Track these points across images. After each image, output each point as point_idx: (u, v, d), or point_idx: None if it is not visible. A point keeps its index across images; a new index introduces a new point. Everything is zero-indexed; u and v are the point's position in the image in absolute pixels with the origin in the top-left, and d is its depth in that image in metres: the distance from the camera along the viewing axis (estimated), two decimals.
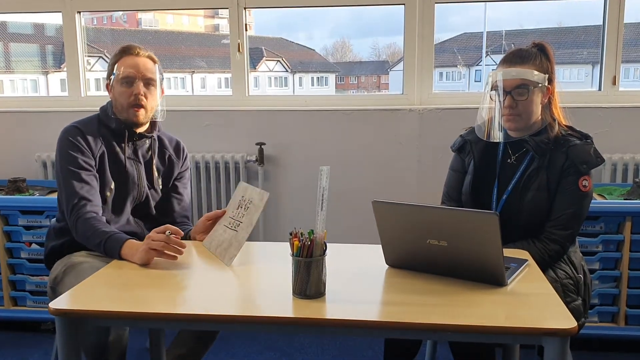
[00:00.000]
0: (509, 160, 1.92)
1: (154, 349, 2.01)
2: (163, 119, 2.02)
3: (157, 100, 1.98)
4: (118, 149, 1.95)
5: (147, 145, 2.02)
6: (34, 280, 2.75)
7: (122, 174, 1.95)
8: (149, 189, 2.01)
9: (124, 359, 1.74)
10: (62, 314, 1.32)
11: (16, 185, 2.85)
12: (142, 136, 1.99)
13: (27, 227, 2.71)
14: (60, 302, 1.36)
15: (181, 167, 2.12)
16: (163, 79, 2.01)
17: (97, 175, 1.90)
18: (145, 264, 1.61)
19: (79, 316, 1.33)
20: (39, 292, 2.76)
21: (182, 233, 1.68)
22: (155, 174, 2.03)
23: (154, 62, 1.97)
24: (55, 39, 3.59)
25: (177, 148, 2.12)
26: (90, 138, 1.90)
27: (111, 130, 1.96)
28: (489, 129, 1.89)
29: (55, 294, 1.82)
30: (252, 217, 1.66)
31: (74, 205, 1.82)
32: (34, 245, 2.72)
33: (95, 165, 1.90)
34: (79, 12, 3.14)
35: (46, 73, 3.80)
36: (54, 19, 3.30)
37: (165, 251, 1.60)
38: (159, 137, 2.06)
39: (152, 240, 1.61)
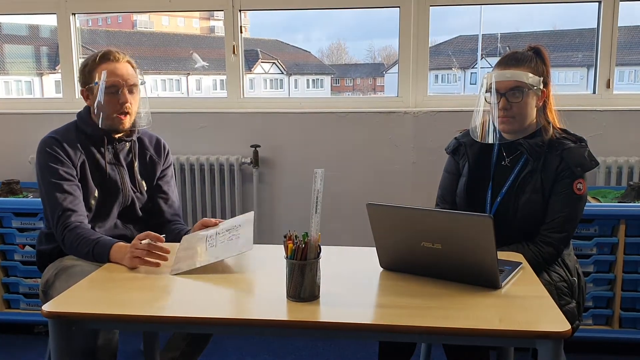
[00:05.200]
0: (503, 163, 1.92)
1: (147, 351, 2.00)
2: (149, 125, 2.00)
3: (139, 104, 1.96)
4: (98, 155, 1.93)
5: (128, 148, 2.00)
6: (28, 283, 2.74)
7: (105, 181, 1.93)
8: (134, 192, 1.99)
9: None
10: (55, 316, 1.32)
11: (10, 187, 2.84)
12: (121, 140, 1.97)
13: (21, 230, 2.69)
14: (54, 305, 1.36)
15: (163, 165, 2.09)
16: (145, 82, 1.98)
17: (80, 185, 1.87)
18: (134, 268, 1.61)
19: (72, 319, 1.33)
20: (32, 294, 2.74)
21: (163, 239, 1.65)
22: (138, 177, 2.01)
23: (133, 66, 1.94)
24: (50, 40, 3.58)
25: (158, 146, 2.09)
26: (69, 148, 1.87)
27: (90, 137, 1.93)
28: (484, 131, 1.90)
29: (47, 297, 1.81)
30: (226, 252, 1.61)
31: (59, 218, 1.80)
32: (27, 248, 2.70)
33: (77, 175, 1.87)
34: (74, 14, 3.13)
35: (41, 75, 3.79)
36: (48, 21, 3.29)
37: (148, 259, 1.60)
38: (139, 138, 2.03)
39: (135, 249, 1.61)
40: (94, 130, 1.93)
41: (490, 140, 1.89)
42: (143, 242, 1.63)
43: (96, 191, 1.91)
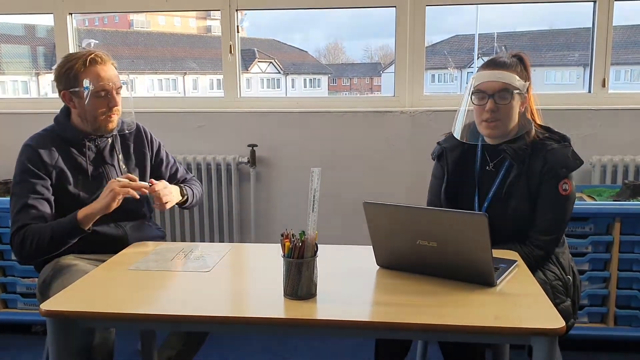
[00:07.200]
0: (487, 168, 1.91)
1: (145, 351, 2.01)
2: (133, 125, 2.03)
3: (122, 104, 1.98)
4: (80, 159, 1.93)
5: (109, 144, 1.99)
6: (25, 283, 2.74)
7: (89, 182, 1.93)
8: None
9: None
10: (53, 315, 1.32)
11: (7, 187, 2.84)
12: (101, 136, 1.96)
13: None
14: (51, 304, 1.36)
15: (150, 150, 2.09)
16: (127, 82, 1.99)
17: (51, 198, 1.86)
18: (108, 210, 1.77)
19: (70, 317, 1.34)
20: (29, 294, 2.74)
21: (137, 179, 1.83)
22: (125, 169, 2.00)
23: (115, 66, 1.94)
24: (46, 40, 3.58)
25: (139, 134, 2.08)
26: (45, 157, 1.86)
27: (69, 140, 1.92)
28: (467, 132, 1.90)
29: (43, 297, 1.80)
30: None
31: (18, 229, 1.79)
32: None
33: (52, 183, 1.87)
34: (71, 14, 3.12)
35: (37, 74, 3.79)
36: (45, 21, 3.28)
37: (131, 189, 1.78)
38: (118, 131, 2.02)
39: (118, 182, 1.78)
40: (73, 133, 1.92)
41: (473, 141, 1.89)
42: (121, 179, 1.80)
43: (80, 195, 1.90)
